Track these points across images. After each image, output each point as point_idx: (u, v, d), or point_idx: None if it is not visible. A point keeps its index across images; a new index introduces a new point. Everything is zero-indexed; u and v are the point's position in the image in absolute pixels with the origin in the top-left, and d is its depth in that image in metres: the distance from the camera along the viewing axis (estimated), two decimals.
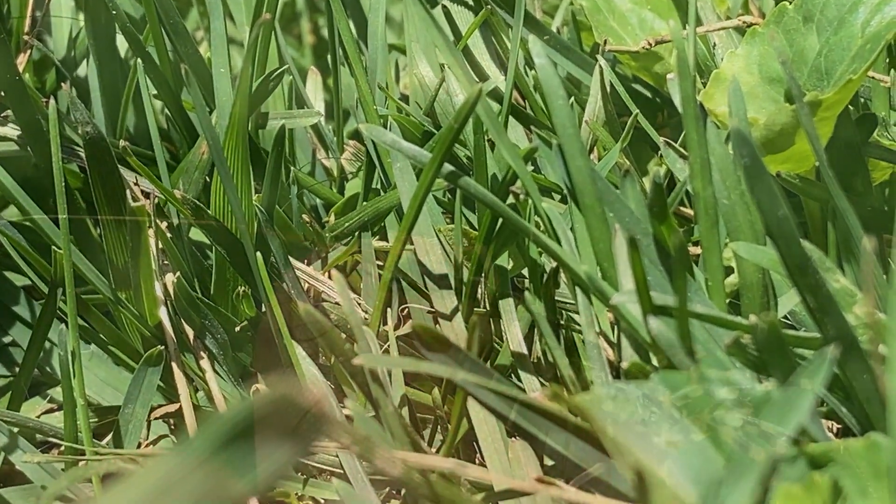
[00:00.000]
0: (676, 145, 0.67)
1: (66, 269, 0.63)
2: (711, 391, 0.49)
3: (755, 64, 0.68)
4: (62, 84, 0.80)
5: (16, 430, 0.64)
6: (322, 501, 0.62)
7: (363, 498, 0.58)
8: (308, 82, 0.85)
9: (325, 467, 0.62)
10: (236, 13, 0.87)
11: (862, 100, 0.72)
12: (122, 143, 0.68)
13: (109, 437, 0.66)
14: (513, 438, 0.59)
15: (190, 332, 0.68)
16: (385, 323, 0.67)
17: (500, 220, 0.63)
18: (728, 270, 0.59)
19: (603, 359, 0.57)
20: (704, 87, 0.68)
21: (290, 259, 0.68)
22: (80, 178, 0.74)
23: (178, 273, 0.67)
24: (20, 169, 0.71)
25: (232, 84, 0.72)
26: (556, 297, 0.63)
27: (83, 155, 0.67)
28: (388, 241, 0.71)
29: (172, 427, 0.68)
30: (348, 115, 0.85)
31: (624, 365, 0.53)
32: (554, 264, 0.62)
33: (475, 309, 0.65)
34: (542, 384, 0.62)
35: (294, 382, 0.62)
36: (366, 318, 0.67)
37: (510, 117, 0.72)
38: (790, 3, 0.68)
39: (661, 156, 0.68)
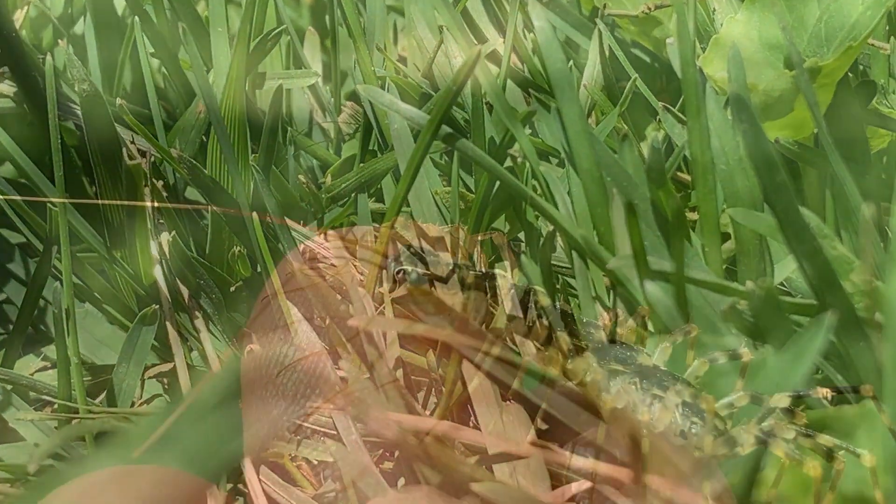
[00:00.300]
0: (675, 110, 0.67)
1: (62, 226, 0.63)
2: (707, 357, 0.49)
3: (755, 30, 0.68)
4: (59, 41, 0.79)
5: (9, 387, 0.64)
6: (315, 463, 0.62)
7: (357, 459, 0.58)
8: (306, 43, 0.85)
9: (318, 428, 0.62)
10: None
11: (861, 67, 0.71)
12: (118, 101, 0.67)
13: (103, 395, 0.66)
14: (507, 402, 0.59)
15: (185, 292, 0.67)
16: (380, 285, 0.67)
17: (498, 183, 0.63)
18: (725, 236, 0.59)
19: (598, 324, 0.57)
20: (704, 52, 0.68)
21: (286, 220, 0.67)
22: (76, 135, 0.74)
23: (173, 232, 0.66)
24: (16, 126, 0.71)
25: (229, 43, 0.71)
26: (552, 262, 0.63)
27: (79, 112, 0.67)
28: (384, 203, 0.71)
29: (166, 386, 0.68)
30: (346, 77, 0.85)
31: (619, 330, 0.53)
32: (551, 228, 0.62)
33: (471, 272, 0.65)
34: (537, 348, 0.62)
35: (288, 342, 0.62)
36: (361, 280, 0.67)
37: (508, 80, 0.72)
38: None
39: (660, 121, 0.67)
